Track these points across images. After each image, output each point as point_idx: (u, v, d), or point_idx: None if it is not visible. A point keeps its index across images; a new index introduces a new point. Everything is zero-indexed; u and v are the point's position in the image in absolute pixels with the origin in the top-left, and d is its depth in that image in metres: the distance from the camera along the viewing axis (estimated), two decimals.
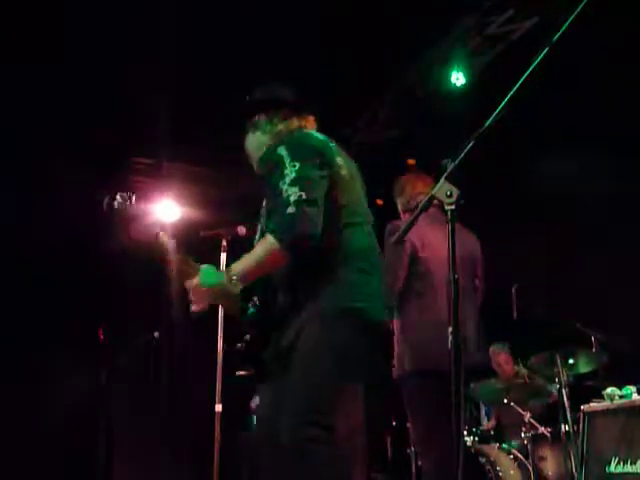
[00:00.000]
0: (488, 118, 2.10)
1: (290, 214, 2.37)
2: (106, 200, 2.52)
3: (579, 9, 2.04)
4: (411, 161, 6.08)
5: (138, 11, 5.28)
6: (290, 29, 5.40)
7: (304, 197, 2.39)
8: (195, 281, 2.49)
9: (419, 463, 4.46)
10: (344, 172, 2.64)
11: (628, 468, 3.82)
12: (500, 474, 4.63)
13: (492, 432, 5.26)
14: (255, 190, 7.69)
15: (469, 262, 3.97)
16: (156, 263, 6.97)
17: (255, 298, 2.66)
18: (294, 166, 2.48)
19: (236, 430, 5.82)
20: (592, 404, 4.22)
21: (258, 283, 2.57)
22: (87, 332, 6.81)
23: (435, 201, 2.12)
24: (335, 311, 2.44)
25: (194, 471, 6.57)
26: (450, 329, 2.02)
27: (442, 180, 2.09)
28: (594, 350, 4.59)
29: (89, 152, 6.48)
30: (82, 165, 6.45)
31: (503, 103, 2.05)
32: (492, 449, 4.89)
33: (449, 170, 2.10)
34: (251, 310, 2.65)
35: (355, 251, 2.53)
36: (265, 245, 2.43)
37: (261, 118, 2.85)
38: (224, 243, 4.09)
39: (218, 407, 3.89)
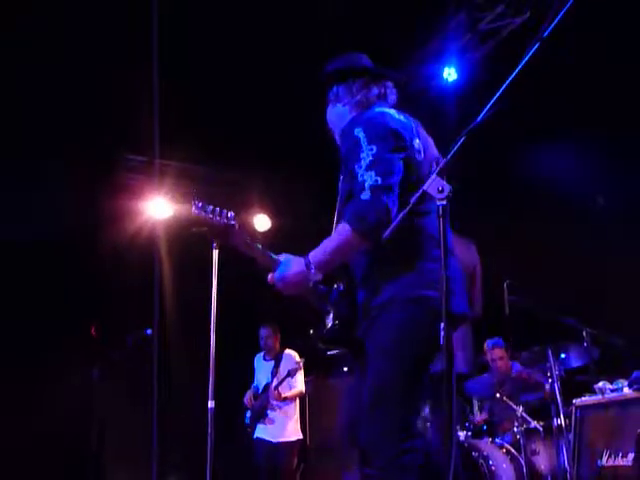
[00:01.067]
0: (479, 113, 2.10)
1: (365, 200, 2.36)
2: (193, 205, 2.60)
3: (569, 5, 2.05)
4: None
5: (133, 9, 5.27)
6: (284, 26, 5.40)
7: (380, 182, 2.37)
8: (276, 274, 2.53)
9: None
10: (421, 156, 2.59)
11: (619, 461, 3.86)
12: (493, 468, 4.65)
13: (485, 427, 5.27)
14: (245, 187, 7.67)
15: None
16: (148, 261, 6.94)
17: (336, 285, 2.66)
18: (371, 149, 2.45)
19: (230, 427, 5.84)
20: (584, 398, 4.26)
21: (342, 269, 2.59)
22: (80, 329, 6.82)
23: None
24: (407, 300, 2.44)
25: (187, 468, 6.59)
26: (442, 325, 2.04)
27: (433, 176, 2.10)
28: (585, 345, 4.61)
29: (82, 149, 6.46)
30: (75, 162, 6.44)
31: (494, 99, 2.05)
32: (485, 444, 4.91)
33: (440, 166, 2.10)
34: (335, 295, 2.65)
35: (428, 239, 2.49)
36: (340, 233, 2.43)
37: (340, 88, 2.78)
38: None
39: (211, 404, 3.87)
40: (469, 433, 5.05)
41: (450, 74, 5.75)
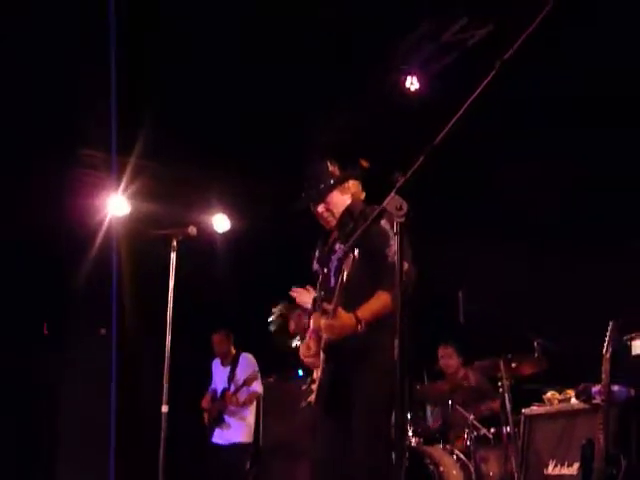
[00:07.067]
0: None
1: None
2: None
3: (531, 29, 2.09)
4: (364, 162, 6.10)
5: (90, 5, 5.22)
6: (246, 23, 5.40)
7: (407, 267, 2.92)
8: (335, 320, 3.10)
9: None
10: None
11: (565, 470, 3.96)
12: (443, 474, 4.72)
13: (437, 434, 5.34)
14: (205, 186, 7.60)
15: None
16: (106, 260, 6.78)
17: None
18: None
19: (186, 429, 5.81)
20: (533, 408, 4.36)
21: None
22: (31, 325, 6.69)
23: None
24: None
25: (142, 469, 6.50)
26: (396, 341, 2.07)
27: (392, 194, 2.13)
28: (536, 355, 4.71)
29: (38, 145, 6.34)
30: (31, 158, 6.32)
31: (453, 120, 2.08)
32: (436, 450, 4.98)
33: (399, 184, 2.14)
34: None
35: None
36: (383, 300, 3.12)
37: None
38: (174, 243, 4.04)
39: (164, 408, 3.86)
40: (421, 439, 5.12)
41: (412, 84, 5.79)
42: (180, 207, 6.80)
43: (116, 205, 6.89)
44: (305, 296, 3.55)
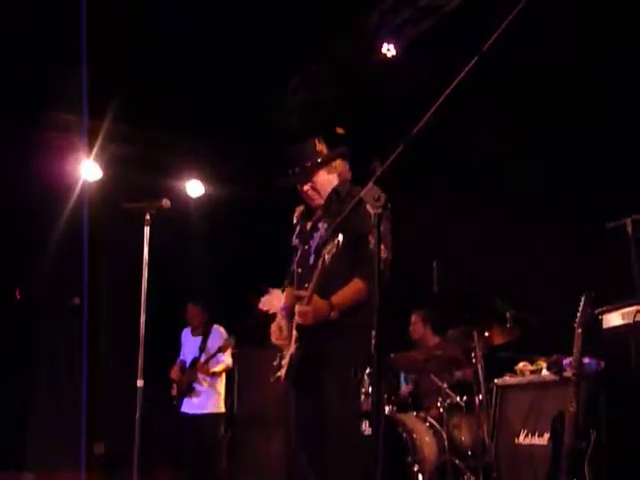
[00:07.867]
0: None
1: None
2: None
3: (509, 19, 2.05)
4: (340, 130, 6.05)
5: None
6: None
7: (385, 256, 3.02)
8: (309, 307, 3.13)
9: None
10: None
11: (536, 440, 4.05)
12: (416, 442, 4.80)
13: (410, 400, 5.42)
14: (178, 152, 7.47)
15: None
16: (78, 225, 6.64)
17: None
18: None
19: (159, 401, 5.81)
20: (505, 378, 4.42)
21: None
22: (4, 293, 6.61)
23: None
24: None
25: (116, 439, 6.53)
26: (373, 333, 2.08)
27: (370, 184, 2.11)
28: (508, 325, 4.75)
29: (11, 108, 6.17)
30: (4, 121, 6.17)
31: (431, 111, 2.05)
32: (409, 417, 5.06)
33: (377, 174, 2.11)
34: None
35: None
36: (359, 288, 3.18)
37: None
38: (147, 217, 3.97)
39: (140, 382, 3.84)
40: (394, 407, 5.19)
41: (389, 50, 5.70)
42: (153, 173, 6.71)
43: (88, 170, 6.78)
44: (274, 301, 3.57)
